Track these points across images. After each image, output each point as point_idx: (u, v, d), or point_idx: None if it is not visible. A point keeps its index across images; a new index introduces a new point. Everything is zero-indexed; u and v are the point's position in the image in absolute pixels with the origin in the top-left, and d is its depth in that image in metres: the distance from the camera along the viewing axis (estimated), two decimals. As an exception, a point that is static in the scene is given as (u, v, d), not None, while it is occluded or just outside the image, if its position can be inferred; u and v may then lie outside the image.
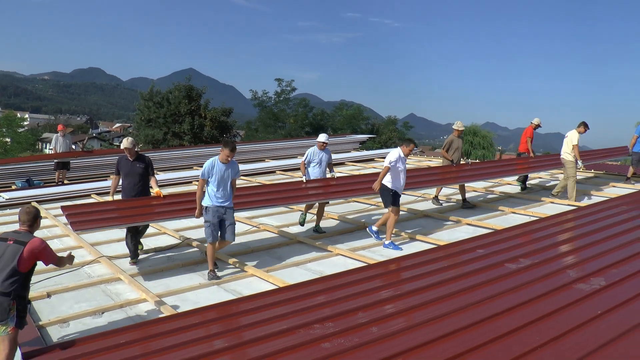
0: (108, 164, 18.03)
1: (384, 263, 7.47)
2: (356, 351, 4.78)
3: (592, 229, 9.16)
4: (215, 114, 39.73)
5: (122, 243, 9.07)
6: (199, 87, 40.88)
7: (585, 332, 5.15)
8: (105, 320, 6.22)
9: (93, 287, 7.20)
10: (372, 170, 17.52)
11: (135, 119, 43.68)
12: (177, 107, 38.86)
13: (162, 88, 41.85)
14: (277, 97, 50.85)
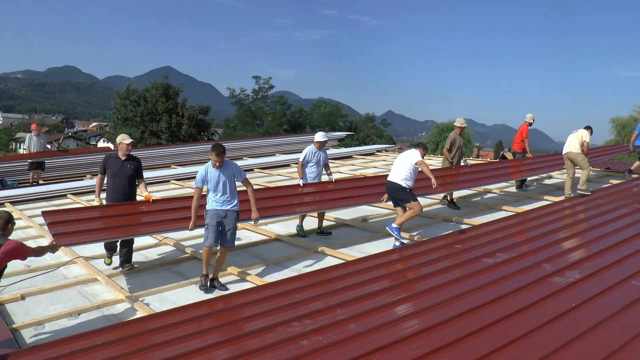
0: (84, 164, 17.80)
1: (362, 260, 7.49)
2: (334, 348, 4.78)
3: (566, 223, 9.29)
4: (193, 112, 39.52)
5: (99, 243, 8.95)
6: (177, 85, 40.63)
7: (561, 324, 5.22)
8: (82, 322, 6.14)
9: (69, 288, 7.10)
10: (361, 168, 17.53)
11: (112, 117, 43.27)
12: (155, 105, 38.58)
13: (139, 86, 41.52)
14: (255, 95, 50.72)
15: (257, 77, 50.26)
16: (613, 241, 8.05)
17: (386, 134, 59.50)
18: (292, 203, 9.25)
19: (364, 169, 16.76)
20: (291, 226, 9.86)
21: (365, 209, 10.98)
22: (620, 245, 7.87)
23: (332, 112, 54.23)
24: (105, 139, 59.64)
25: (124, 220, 7.52)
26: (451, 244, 8.09)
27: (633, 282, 6.33)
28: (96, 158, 18.33)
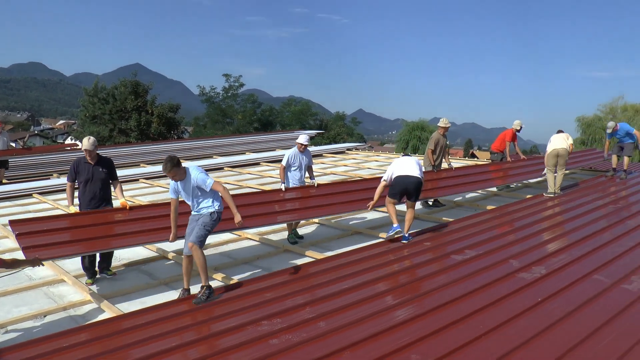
0: (50, 162, 17.47)
1: (331, 258, 7.51)
2: (304, 346, 4.79)
3: (533, 220, 9.45)
4: (163, 110, 39.12)
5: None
6: (146, 82, 40.14)
7: (528, 319, 5.32)
8: (48, 324, 6.03)
9: (34, 289, 6.96)
10: (332, 167, 17.55)
11: (79, 115, 42.53)
12: (123, 103, 38.09)
13: (107, 84, 40.96)
14: (225, 93, 50.44)
15: (228, 75, 50.05)
16: (577, 237, 8.24)
17: (357, 133, 59.77)
18: (274, 211, 8.69)
19: (335, 167, 16.80)
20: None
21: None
22: (583, 241, 8.05)
23: (302, 110, 54.23)
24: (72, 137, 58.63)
25: (101, 230, 7.16)
26: (420, 241, 8.17)
27: (595, 277, 6.48)
28: (63, 156, 18.02)
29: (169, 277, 7.31)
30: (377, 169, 16.05)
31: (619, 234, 8.45)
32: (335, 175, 15.19)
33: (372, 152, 22.64)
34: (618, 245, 7.85)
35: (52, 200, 12.45)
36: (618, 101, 46.86)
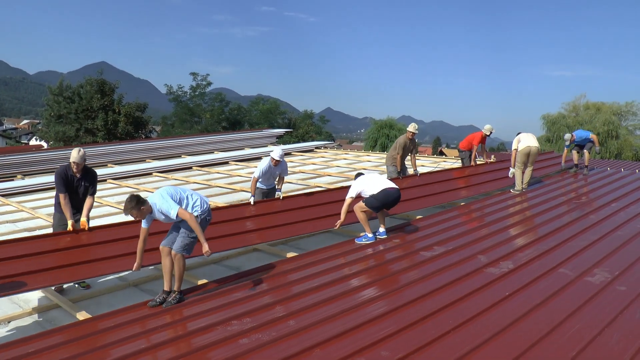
0: (14, 163, 17.09)
1: (300, 257, 7.52)
2: (274, 345, 4.79)
3: (501, 216, 9.61)
4: (130, 109, 38.60)
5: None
6: (112, 81, 39.53)
7: (496, 312, 5.41)
8: (12, 330, 5.90)
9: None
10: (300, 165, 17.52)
11: (44, 115, 41.61)
12: (90, 102, 37.47)
13: (72, 82, 40.17)
14: (193, 92, 50.01)
15: (195, 73, 49.58)
16: (543, 232, 8.41)
17: (325, 131, 59.84)
18: (241, 231, 8.18)
19: (303, 166, 16.81)
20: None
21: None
22: (549, 235, 8.22)
23: (270, 109, 54.09)
24: (37, 137, 57.34)
25: (64, 257, 6.62)
26: (390, 238, 8.22)
27: (561, 270, 6.62)
28: (27, 157, 17.65)
29: (137, 279, 7.23)
30: (346, 167, 16.12)
31: (582, 228, 8.65)
32: (304, 173, 15.21)
33: (340, 150, 22.71)
34: (581, 239, 8.04)
35: (17, 202, 12.20)
36: (580, 99, 47.97)
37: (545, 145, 43.79)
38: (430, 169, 15.25)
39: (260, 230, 8.39)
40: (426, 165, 15.94)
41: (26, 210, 11.28)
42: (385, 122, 49.35)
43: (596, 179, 13.55)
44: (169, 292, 5.96)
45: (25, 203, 12.13)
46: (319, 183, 13.31)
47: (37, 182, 14.34)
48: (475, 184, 12.25)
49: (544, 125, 46.66)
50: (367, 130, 53.60)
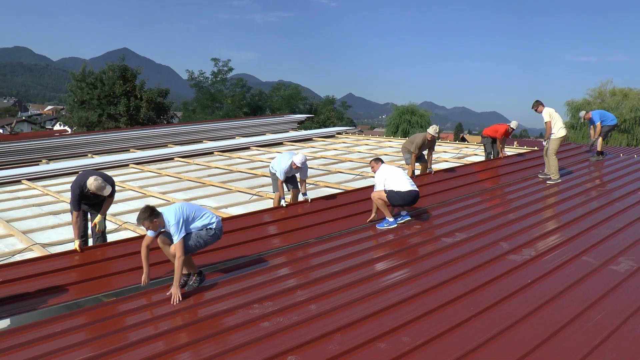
0: (38, 148, 17.33)
1: (321, 241, 7.53)
2: (295, 329, 4.83)
3: (523, 202, 9.51)
4: (152, 95, 38.84)
5: (58, 229, 8.76)
6: (134, 67, 39.77)
7: (517, 300, 5.39)
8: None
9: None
10: (322, 150, 17.51)
11: (67, 100, 42.05)
12: (112, 88, 37.76)
13: (95, 68, 40.49)
14: (214, 78, 50.07)
15: (216, 59, 49.59)
16: (566, 219, 8.31)
17: (346, 117, 59.65)
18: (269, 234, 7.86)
19: (325, 151, 16.78)
20: (251, 208, 9.82)
21: (327, 191, 11.00)
22: (572, 223, 8.12)
23: (292, 94, 54.00)
24: (61, 122, 58.07)
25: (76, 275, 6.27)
26: (411, 224, 8.19)
27: (584, 258, 6.55)
28: (52, 142, 17.88)
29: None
30: (367, 152, 16.05)
31: (607, 216, 8.53)
32: (325, 159, 15.19)
33: (362, 136, 22.63)
34: (606, 227, 7.93)
35: (42, 186, 12.37)
36: (607, 85, 46.98)
37: (569, 131, 43.17)
38: (452, 155, 15.15)
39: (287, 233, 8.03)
40: (448, 152, 15.82)
41: (51, 194, 11.44)
42: (407, 108, 48.99)
43: (622, 167, 13.33)
44: (188, 275, 6.01)
45: (50, 187, 12.29)
46: (340, 169, 13.30)
47: (61, 167, 14.51)
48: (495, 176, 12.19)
49: (568, 112, 45.93)
50: (389, 116, 53.29)
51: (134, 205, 10.10)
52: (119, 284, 6.16)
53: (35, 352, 4.56)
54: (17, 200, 11.12)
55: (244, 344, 4.59)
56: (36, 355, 4.51)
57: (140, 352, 4.53)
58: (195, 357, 4.43)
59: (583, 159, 14.25)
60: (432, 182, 10.77)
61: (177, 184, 12.27)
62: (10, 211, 10.13)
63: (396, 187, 8.10)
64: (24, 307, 5.53)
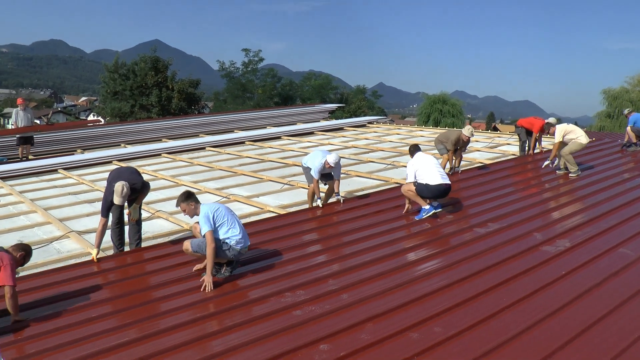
0: (73, 138, 17.67)
1: (354, 231, 7.51)
2: (327, 318, 4.85)
3: (557, 193, 9.37)
4: (183, 85, 39.17)
5: (93, 217, 8.93)
6: (165, 58, 40.17)
7: (551, 292, 5.31)
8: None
9: (62, 262, 7.07)
10: (353, 140, 17.47)
11: (101, 92, 42.73)
12: (144, 79, 38.19)
13: (127, 60, 41.02)
14: (245, 68, 50.26)
15: (247, 49, 49.75)
16: (603, 210, 8.14)
17: (377, 106, 59.31)
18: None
19: (356, 141, 16.73)
20: (282, 197, 9.86)
21: (358, 180, 10.98)
22: (609, 214, 7.95)
23: (322, 84, 53.91)
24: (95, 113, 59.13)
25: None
26: (443, 214, 8.12)
27: (621, 250, 6.42)
28: (86, 132, 18.21)
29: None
30: (399, 142, 15.97)
31: (645, 207, 8.33)
32: (356, 148, 15.15)
33: (393, 125, 22.49)
34: (644, 218, 7.75)
35: (77, 175, 12.61)
36: (646, 73, 45.65)
37: (605, 121, 42.22)
38: (485, 144, 14.95)
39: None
40: (480, 141, 15.63)
41: (86, 183, 11.67)
42: (438, 97, 48.46)
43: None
44: (220, 264, 6.07)
45: (85, 176, 12.53)
46: (371, 158, 13.25)
47: (95, 156, 14.77)
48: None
49: (605, 100, 44.82)
50: (420, 105, 52.81)
51: (167, 194, 10.24)
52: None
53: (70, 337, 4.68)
54: (54, 189, 11.38)
55: (275, 332, 4.63)
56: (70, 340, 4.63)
57: (172, 338, 4.62)
58: (227, 344, 4.49)
59: (619, 150, 13.93)
60: (464, 171, 10.68)
61: (209, 173, 12.39)
62: (48, 199, 10.38)
63: (426, 179, 8.00)
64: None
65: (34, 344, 4.65)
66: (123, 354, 4.38)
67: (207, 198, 8.73)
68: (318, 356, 4.21)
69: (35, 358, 4.39)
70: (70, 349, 4.51)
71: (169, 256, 6.71)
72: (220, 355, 4.31)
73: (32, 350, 4.54)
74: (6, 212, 9.55)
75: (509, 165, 11.77)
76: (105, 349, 4.45)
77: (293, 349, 4.33)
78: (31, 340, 4.70)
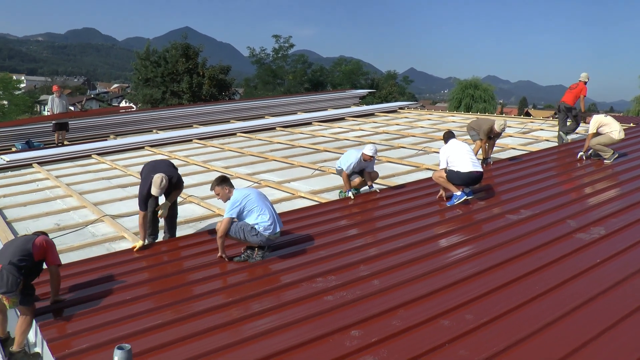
0: (107, 124, 17.97)
1: (386, 216, 7.50)
2: (358, 304, 4.86)
3: (593, 179, 9.18)
4: (214, 72, 39.42)
5: (126, 202, 9.09)
6: (196, 45, 40.45)
7: (585, 280, 5.24)
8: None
9: (97, 245, 7.23)
10: (384, 126, 17.39)
11: (132, 79, 43.33)
12: (175, 65, 38.55)
13: (158, 47, 41.44)
14: (275, 54, 50.31)
15: (277, 36, 49.82)
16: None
17: (408, 92, 58.88)
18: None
19: (387, 127, 16.65)
20: (313, 183, 9.88)
21: (389, 166, 10.94)
22: (646, 201, 7.78)
23: (353, 70, 53.72)
24: (127, 99, 59.97)
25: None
26: (474, 200, 8.05)
27: (659, 239, 6.27)
28: (118, 118, 18.50)
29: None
30: (430, 127, 15.84)
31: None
32: (387, 134, 15.08)
33: (424, 111, 22.31)
34: (683, 206, 7.56)
35: (110, 160, 12.83)
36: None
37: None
38: (517, 130, 14.74)
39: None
40: (512, 126, 15.40)
41: (119, 168, 11.86)
42: (470, 82, 47.81)
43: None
44: (253, 249, 6.14)
45: (118, 161, 12.74)
46: (402, 144, 13.18)
47: (128, 142, 14.99)
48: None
49: (644, 85, 43.72)
50: (451, 90, 52.22)
51: (198, 179, 10.35)
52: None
53: (107, 319, 4.80)
54: (88, 174, 11.60)
55: (307, 317, 4.67)
56: (107, 321, 4.75)
57: (206, 321, 4.70)
58: (258, 328, 4.54)
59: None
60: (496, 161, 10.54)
61: (240, 158, 12.48)
62: (82, 184, 10.60)
63: (457, 167, 7.94)
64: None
65: (73, 323, 4.77)
66: (158, 335, 4.46)
67: (238, 183, 8.77)
68: (349, 342, 4.23)
69: (74, 338, 4.50)
70: (107, 329, 4.61)
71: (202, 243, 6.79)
72: (251, 339, 4.36)
73: (70, 330, 4.67)
74: (44, 196, 9.78)
75: (542, 153, 11.57)
76: (140, 330, 4.54)
77: (324, 335, 4.36)
78: (70, 321, 4.82)
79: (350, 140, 14.22)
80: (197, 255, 6.35)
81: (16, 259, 4.81)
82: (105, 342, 4.36)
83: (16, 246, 4.99)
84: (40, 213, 8.62)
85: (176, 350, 4.25)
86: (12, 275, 4.70)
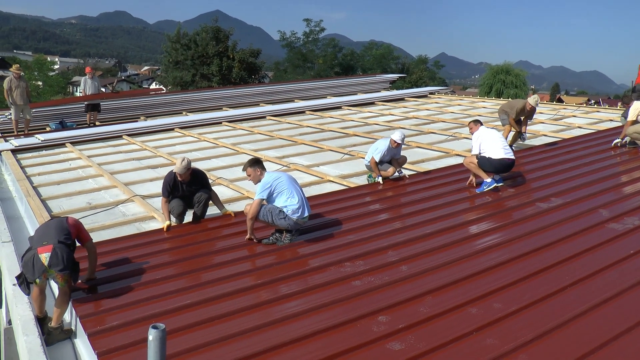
0: (137, 106, 18.20)
1: (415, 202, 7.47)
2: (386, 289, 4.86)
3: (627, 168, 9.01)
4: (244, 55, 39.51)
5: (156, 182, 9.19)
6: (226, 28, 40.56)
7: (616, 272, 5.15)
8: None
9: (128, 225, 7.35)
10: (414, 111, 17.26)
11: (163, 61, 43.71)
12: (205, 49, 38.74)
13: (188, 30, 41.67)
14: (306, 38, 50.15)
15: (308, 20, 49.59)
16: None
17: (439, 77, 58.21)
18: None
19: (417, 112, 16.51)
20: (342, 167, 9.87)
21: (419, 151, 10.86)
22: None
23: (383, 54, 53.30)
24: (157, 82, 60.51)
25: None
26: (504, 188, 7.96)
27: (695, 230, 6.13)
28: (149, 100, 18.70)
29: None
30: (460, 113, 15.66)
31: None
32: (417, 119, 14.96)
33: (454, 96, 22.05)
34: None
35: (140, 141, 12.98)
36: None
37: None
38: (549, 117, 14.48)
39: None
40: (544, 113, 15.13)
41: (149, 149, 12.00)
42: (501, 68, 47.03)
43: None
44: (281, 232, 6.18)
45: (148, 142, 12.88)
46: (432, 129, 13.07)
47: (158, 124, 15.15)
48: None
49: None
50: (482, 75, 51.47)
51: (227, 162, 10.43)
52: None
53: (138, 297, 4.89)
54: (118, 154, 11.76)
55: (335, 301, 4.68)
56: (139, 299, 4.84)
57: (233, 303, 4.75)
58: (286, 311, 4.58)
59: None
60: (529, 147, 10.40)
61: (269, 141, 12.51)
62: (113, 164, 10.75)
63: (489, 153, 7.88)
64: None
65: (104, 301, 4.87)
66: (188, 315, 4.53)
67: (267, 166, 8.74)
68: (376, 327, 4.23)
69: (106, 315, 4.60)
70: (137, 307, 4.70)
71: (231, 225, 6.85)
72: (279, 322, 4.40)
73: (102, 307, 4.76)
74: (76, 175, 9.96)
75: (575, 140, 11.36)
76: (171, 310, 4.62)
77: (351, 319, 4.37)
78: (102, 298, 4.92)
79: (380, 124, 14.14)
80: (226, 237, 6.43)
81: (62, 238, 4.95)
82: (135, 320, 4.45)
83: (56, 226, 5.11)
84: (73, 192, 8.78)
85: (206, 330, 4.30)
86: (66, 253, 4.83)
